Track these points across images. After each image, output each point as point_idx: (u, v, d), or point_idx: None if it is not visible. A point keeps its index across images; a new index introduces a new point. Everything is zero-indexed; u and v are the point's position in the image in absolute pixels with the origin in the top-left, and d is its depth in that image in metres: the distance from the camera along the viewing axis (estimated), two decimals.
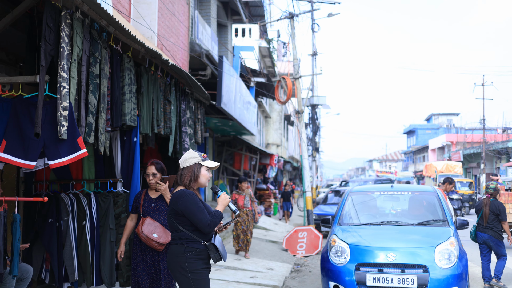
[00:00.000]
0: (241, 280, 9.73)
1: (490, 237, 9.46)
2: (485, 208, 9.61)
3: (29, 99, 5.30)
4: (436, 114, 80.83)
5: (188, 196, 4.57)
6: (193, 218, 4.52)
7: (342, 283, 7.30)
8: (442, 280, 6.95)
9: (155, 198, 6.06)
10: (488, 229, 9.50)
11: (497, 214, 9.49)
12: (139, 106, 7.37)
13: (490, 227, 9.49)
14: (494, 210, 9.50)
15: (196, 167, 4.74)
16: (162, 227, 5.84)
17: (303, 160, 17.24)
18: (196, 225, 4.53)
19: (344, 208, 8.96)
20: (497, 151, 44.89)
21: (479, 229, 9.68)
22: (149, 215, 5.92)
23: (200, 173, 4.75)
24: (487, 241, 9.52)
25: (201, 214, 4.51)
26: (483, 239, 9.59)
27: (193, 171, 4.73)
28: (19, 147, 5.13)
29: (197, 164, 4.75)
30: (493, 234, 9.45)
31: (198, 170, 4.74)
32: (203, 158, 4.81)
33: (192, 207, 4.52)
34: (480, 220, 9.71)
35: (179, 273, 4.58)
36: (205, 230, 4.53)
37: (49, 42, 5.06)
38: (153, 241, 5.74)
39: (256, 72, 22.59)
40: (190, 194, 4.60)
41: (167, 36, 12.02)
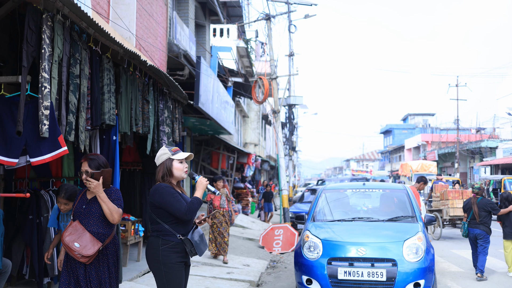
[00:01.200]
0: (218, 276, 9.96)
1: (482, 232, 10.32)
2: (474, 206, 10.54)
3: (11, 99, 5.48)
4: (412, 114, 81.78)
5: (163, 188, 4.75)
6: (171, 208, 4.68)
7: (314, 277, 7.55)
8: (410, 273, 7.24)
9: (89, 199, 4.93)
10: (480, 225, 10.38)
11: (488, 211, 10.42)
12: (118, 106, 7.55)
13: (482, 222, 10.38)
14: (485, 208, 10.44)
15: (167, 162, 4.92)
16: (89, 236, 4.77)
17: (279, 159, 17.51)
18: (175, 214, 4.69)
19: (318, 205, 9.23)
20: (470, 151, 45.68)
21: (471, 225, 10.53)
22: (78, 219, 4.88)
23: (172, 167, 4.92)
24: (478, 235, 10.33)
25: (178, 204, 4.68)
26: (474, 234, 10.40)
27: (165, 166, 4.91)
28: (1, 145, 5.30)
29: (168, 159, 4.94)
30: (484, 229, 10.34)
31: (170, 164, 4.92)
32: (173, 152, 4.98)
33: (168, 198, 4.69)
34: (472, 217, 10.54)
35: (154, 265, 4.76)
36: (184, 218, 4.69)
37: (31, 43, 5.24)
38: (74, 252, 4.71)
39: (233, 72, 22.82)
40: (165, 186, 4.78)
41: (145, 37, 12.20)
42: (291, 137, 30.93)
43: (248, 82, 24.60)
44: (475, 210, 10.51)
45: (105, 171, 4.88)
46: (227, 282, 9.56)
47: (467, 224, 10.67)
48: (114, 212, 4.78)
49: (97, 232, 4.80)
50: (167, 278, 4.72)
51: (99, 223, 4.83)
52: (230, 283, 9.52)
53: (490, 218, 10.49)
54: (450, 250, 14.00)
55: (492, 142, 42.69)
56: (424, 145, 61.81)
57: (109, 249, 4.93)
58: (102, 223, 4.84)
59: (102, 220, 4.84)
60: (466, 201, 11.07)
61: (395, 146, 75.50)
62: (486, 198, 10.75)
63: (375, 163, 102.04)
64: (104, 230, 4.85)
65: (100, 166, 4.96)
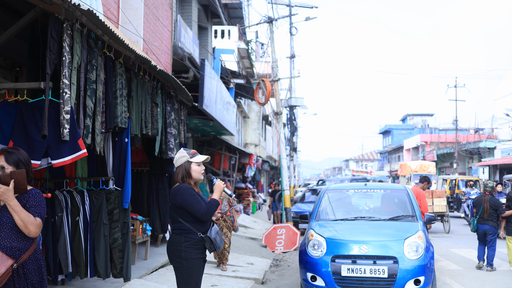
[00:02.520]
0: (224, 274, 10.25)
1: (491, 227, 11.22)
2: (486, 204, 11.33)
3: (33, 104, 5.78)
4: (411, 114, 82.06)
5: (184, 190, 5.07)
6: (191, 209, 5.00)
7: (319, 274, 7.84)
8: (410, 270, 7.54)
9: (1, 206, 3.96)
10: (489, 221, 11.25)
11: (495, 209, 11.22)
12: (129, 109, 7.85)
13: (491, 219, 11.24)
14: (494, 206, 11.23)
15: (186, 164, 5.25)
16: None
17: (281, 159, 17.80)
18: (195, 215, 5.01)
19: (321, 205, 9.53)
20: (469, 151, 45.98)
21: (480, 222, 11.39)
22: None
23: (191, 169, 5.24)
24: (487, 230, 11.23)
25: (198, 205, 5.00)
26: (483, 229, 11.27)
27: (184, 168, 5.24)
28: (25, 148, 5.58)
29: (187, 161, 5.26)
30: (493, 224, 11.26)
31: (188, 167, 5.24)
32: (192, 155, 5.29)
33: (189, 199, 5.01)
34: (481, 214, 11.35)
35: (176, 260, 5.08)
36: (203, 218, 5.03)
37: (53, 51, 5.54)
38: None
39: (235, 74, 23.11)
40: (186, 188, 5.10)
41: (152, 40, 12.49)
42: (292, 138, 31.22)
43: (249, 83, 24.88)
44: (486, 207, 11.29)
45: (17, 173, 3.84)
46: (233, 280, 9.85)
47: (476, 220, 11.49)
48: (28, 224, 3.84)
49: (9, 247, 3.88)
50: (187, 272, 5.04)
51: (13, 235, 3.91)
52: (236, 281, 9.80)
53: (497, 215, 11.31)
54: (449, 249, 14.30)
55: (491, 142, 42.97)
56: (423, 146, 62.09)
57: (28, 268, 3.99)
58: (17, 236, 3.92)
59: (17, 232, 3.91)
60: (476, 198, 11.83)
61: (394, 147, 75.79)
62: (495, 197, 11.49)
63: (374, 163, 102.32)
64: (18, 244, 3.92)
65: (20, 162, 4.02)
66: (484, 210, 11.30)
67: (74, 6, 5.55)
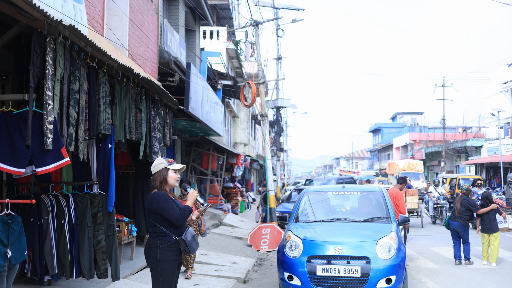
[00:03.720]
0: (207, 273, 10.57)
1: (459, 225, 12.04)
2: (457, 203, 12.28)
3: (18, 114, 6.08)
4: (401, 113, 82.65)
5: (160, 196, 5.41)
6: (166, 214, 5.34)
7: (295, 274, 8.19)
8: (382, 269, 7.90)
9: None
10: (458, 219, 12.10)
11: (468, 208, 12.06)
12: (112, 116, 8.14)
13: (460, 217, 12.09)
14: (466, 205, 12.09)
15: (164, 171, 5.59)
16: None
17: (266, 161, 18.14)
18: (169, 220, 5.35)
19: (300, 206, 9.88)
20: (456, 150, 46.51)
21: (451, 218, 12.29)
22: None
23: (168, 176, 5.58)
24: (456, 227, 12.08)
25: (172, 210, 5.34)
26: (453, 226, 12.16)
27: (162, 174, 5.58)
28: (10, 156, 5.92)
29: (164, 168, 5.60)
30: (462, 222, 12.06)
31: (166, 174, 5.58)
32: (169, 162, 5.66)
33: (164, 205, 5.35)
34: (453, 212, 12.28)
35: (152, 262, 5.42)
36: (177, 223, 5.37)
37: (36, 65, 5.85)
38: None
39: (223, 75, 23.40)
40: (162, 194, 5.43)
41: (138, 46, 12.77)
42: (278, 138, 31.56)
43: (237, 84, 25.20)
44: (457, 206, 12.23)
45: None
46: (215, 279, 10.17)
47: (449, 217, 12.43)
48: None
49: None
50: (161, 273, 5.39)
51: None
52: (218, 280, 10.12)
53: (468, 214, 12.12)
54: (429, 248, 14.67)
55: (477, 141, 43.55)
56: (412, 144, 62.66)
57: None
58: None
59: None
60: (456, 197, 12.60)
61: (384, 145, 76.35)
62: (469, 198, 12.29)
63: (365, 161, 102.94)
64: None
65: None
66: (456, 209, 12.23)
67: (57, 21, 5.84)
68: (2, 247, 5.95)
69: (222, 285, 9.65)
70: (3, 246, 5.96)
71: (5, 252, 5.99)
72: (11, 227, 5.97)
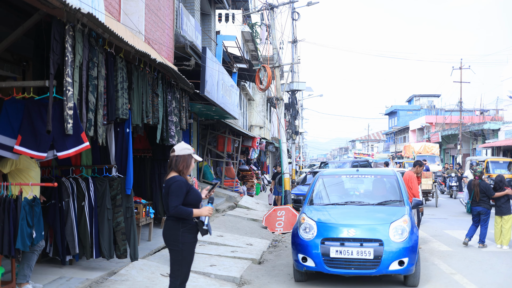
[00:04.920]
0: (223, 254, 10.78)
1: (484, 209, 12.24)
2: (476, 188, 12.35)
3: (39, 100, 6.28)
4: (417, 95, 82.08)
5: (177, 182, 5.58)
6: (170, 197, 5.50)
7: (309, 255, 8.36)
8: (395, 252, 8.05)
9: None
10: (481, 203, 12.26)
11: (485, 192, 12.20)
12: (130, 101, 8.31)
13: (482, 201, 12.24)
14: (483, 189, 12.21)
15: (189, 158, 5.77)
16: None
17: (281, 144, 18.26)
18: (167, 202, 5.53)
19: (314, 189, 10.03)
20: (473, 133, 46.24)
21: (473, 204, 12.40)
22: None
23: (191, 163, 5.77)
24: (481, 212, 12.25)
25: (176, 199, 5.49)
26: (477, 211, 12.30)
27: (187, 160, 5.75)
28: (32, 141, 6.13)
29: (190, 155, 5.77)
30: (486, 206, 12.26)
31: (190, 160, 5.79)
32: (193, 151, 5.83)
33: (174, 191, 5.52)
34: (473, 197, 12.37)
35: (173, 244, 5.62)
36: (169, 211, 5.53)
37: (56, 52, 6.02)
38: None
39: (238, 59, 23.48)
40: (180, 180, 5.60)
41: (154, 30, 12.90)
42: (293, 121, 31.63)
43: (253, 67, 25.26)
44: (476, 191, 12.32)
45: None
46: (231, 260, 10.37)
47: (470, 203, 12.59)
48: None
49: None
50: (183, 255, 5.61)
51: None
52: (234, 261, 10.32)
53: (487, 198, 12.29)
54: (443, 230, 14.77)
55: (494, 124, 43.22)
56: (428, 127, 62.31)
57: None
58: None
59: None
60: (469, 182, 12.79)
61: (400, 127, 75.95)
62: (484, 182, 12.42)
63: (380, 144, 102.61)
64: None
65: None
66: (476, 194, 12.29)
67: (75, 9, 5.99)
68: (28, 228, 6.19)
69: (237, 266, 9.85)
70: (29, 227, 6.20)
71: (31, 233, 6.24)
72: (34, 209, 6.20)
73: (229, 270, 9.38)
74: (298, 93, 36.10)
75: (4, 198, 6.18)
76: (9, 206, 6.15)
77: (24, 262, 6.59)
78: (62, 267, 8.06)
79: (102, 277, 7.83)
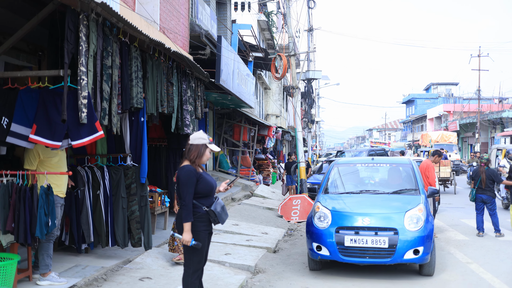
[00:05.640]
0: (238, 243, 10.82)
1: (488, 197, 12.15)
2: (482, 175, 12.22)
3: (54, 90, 6.32)
4: (435, 83, 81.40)
5: (186, 171, 5.56)
6: (181, 190, 5.51)
7: (324, 244, 8.36)
8: (410, 241, 8.02)
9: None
10: (486, 191, 12.16)
11: (492, 179, 12.12)
12: (145, 90, 8.32)
13: (488, 189, 12.16)
14: (490, 176, 12.12)
15: (202, 148, 5.75)
16: None
17: (297, 133, 18.23)
18: (179, 195, 5.55)
19: (329, 178, 10.01)
20: (491, 121, 45.78)
21: (479, 192, 12.28)
22: None
23: (204, 153, 5.74)
24: (486, 200, 12.15)
25: (186, 190, 5.49)
26: (482, 199, 12.21)
27: (200, 150, 5.73)
28: (47, 130, 6.17)
29: (204, 145, 5.76)
30: (491, 194, 12.20)
31: (203, 150, 5.75)
32: (210, 141, 5.82)
33: (184, 182, 5.51)
34: (479, 184, 12.24)
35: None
36: (179, 202, 5.55)
37: (70, 42, 6.04)
38: None
39: (254, 47, 23.42)
40: (188, 170, 5.58)
41: (169, 19, 12.91)
42: (309, 110, 31.53)
43: (268, 56, 25.19)
44: (483, 178, 12.17)
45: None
46: (246, 249, 10.40)
47: (475, 190, 12.35)
48: None
49: None
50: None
51: None
52: (249, 249, 10.36)
53: (493, 185, 12.23)
54: (460, 220, 14.67)
55: None
56: (445, 115, 61.80)
57: None
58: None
59: None
60: (475, 170, 12.60)
61: (417, 116, 75.43)
62: (491, 168, 12.33)
63: (397, 132, 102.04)
64: None
65: None
66: (482, 181, 12.19)
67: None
68: (45, 217, 6.25)
69: (252, 255, 9.88)
70: (45, 216, 6.26)
71: (47, 221, 6.30)
72: (49, 198, 6.25)
73: (243, 259, 9.42)
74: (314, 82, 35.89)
75: (20, 186, 6.24)
76: (25, 194, 6.21)
77: (43, 252, 6.66)
78: (78, 255, 8.15)
79: (118, 265, 7.90)
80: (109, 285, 7.02)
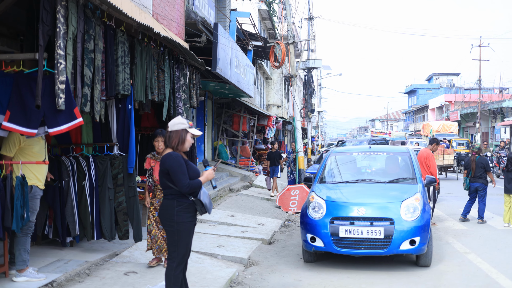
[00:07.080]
0: (232, 234, 10.54)
1: (481, 185, 12.34)
2: (472, 163, 12.44)
3: (29, 74, 6.00)
4: (437, 74, 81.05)
5: (174, 158, 5.29)
6: (175, 178, 5.22)
7: (318, 235, 8.08)
8: (406, 231, 7.74)
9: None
10: (479, 179, 12.36)
11: (483, 167, 12.26)
12: (133, 76, 8.01)
13: (479, 177, 12.34)
14: (480, 164, 12.30)
15: (183, 133, 5.45)
16: None
17: (295, 122, 17.95)
18: (176, 183, 5.23)
19: (325, 167, 9.72)
20: (492, 111, 45.41)
21: (472, 180, 12.49)
22: None
23: (186, 139, 5.45)
24: (478, 188, 12.35)
25: (183, 176, 5.22)
26: (475, 187, 12.43)
27: (181, 135, 5.44)
28: (22, 117, 5.86)
29: (184, 130, 5.46)
30: (483, 182, 12.39)
31: (184, 136, 5.45)
32: (190, 126, 5.51)
33: (177, 168, 5.23)
34: (471, 173, 12.46)
35: (168, 224, 5.34)
36: (183, 190, 5.24)
37: (46, 23, 5.73)
38: None
39: (253, 36, 23.09)
40: (176, 156, 5.31)
41: (162, 5, 12.57)
42: (310, 99, 31.18)
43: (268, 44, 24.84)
44: (473, 166, 12.42)
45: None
46: (240, 240, 10.13)
47: (468, 179, 12.58)
48: None
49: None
50: (178, 235, 5.32)
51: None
52: (243, 241, 10.09)
53: (485, 173, 12.41)
54: (459, 209, 14.31)
55: None
56: (447, 105, 61.48)
57: None
58: None
59: None
60: (467, 159, 12.84)
61: (419, 106, 75.12)
62: (483, 156, 12.49)
63: (400, 123, 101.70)
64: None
65: None
66: (472, 169, 12.44)
67: None
68: (20, 209, 5.97)
69: (246, 246, 9.61)
70: (21, 208, 5.97)
71: (23, 214, 6.01)
72: (23, 188, 5.96)
73: (237, 251, 9.15)
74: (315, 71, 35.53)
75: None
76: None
77: (20, 247, 6.35)
78: (62, 249, 7.86)
79: (103, 259, 7.61)
80: (91, 280, 6.72)
